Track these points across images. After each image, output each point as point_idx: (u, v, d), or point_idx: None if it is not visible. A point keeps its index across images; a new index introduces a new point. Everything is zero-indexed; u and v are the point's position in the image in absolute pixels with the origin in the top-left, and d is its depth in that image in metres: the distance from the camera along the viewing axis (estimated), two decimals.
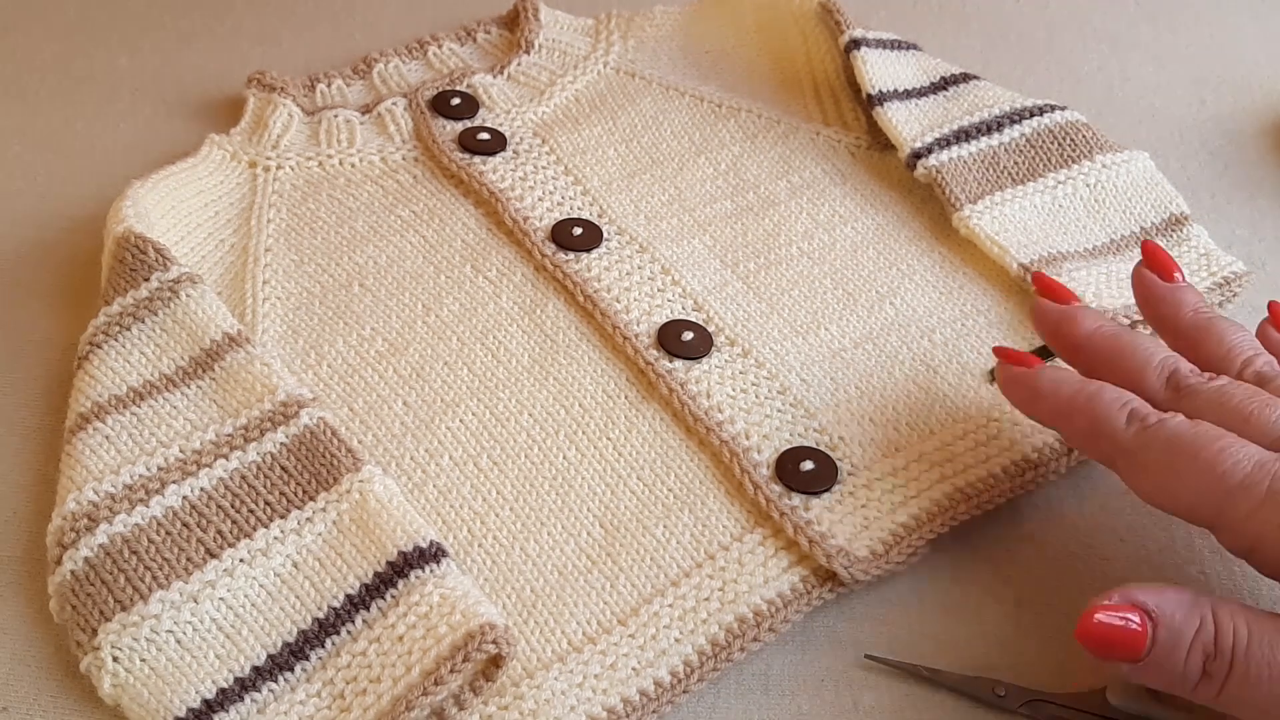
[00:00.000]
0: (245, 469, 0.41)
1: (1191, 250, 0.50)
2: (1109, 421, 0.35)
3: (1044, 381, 0.38)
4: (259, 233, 0.52)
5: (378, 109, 0.58)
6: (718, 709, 0.38)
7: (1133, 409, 0.35)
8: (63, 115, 0.60)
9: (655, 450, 0.44)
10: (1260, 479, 0.32)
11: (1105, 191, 0.52)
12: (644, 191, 0.54)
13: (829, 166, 0.56)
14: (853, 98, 0.58)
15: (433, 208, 0.53)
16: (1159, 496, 0.34)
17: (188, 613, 0.37)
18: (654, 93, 0.60)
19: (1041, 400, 0.38)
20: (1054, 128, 0.54)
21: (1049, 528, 0.43)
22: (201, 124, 0.60)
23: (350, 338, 0.48)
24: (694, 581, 0.39)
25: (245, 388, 0.43)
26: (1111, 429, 0.35)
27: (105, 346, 0.45)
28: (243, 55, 0.65)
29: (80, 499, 0.39)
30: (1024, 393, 0.39)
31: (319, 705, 0.36)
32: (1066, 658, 0.39)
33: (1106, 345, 0.38)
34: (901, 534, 0.40)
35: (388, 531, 0.39)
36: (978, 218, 0.51)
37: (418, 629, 0.36)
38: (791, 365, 0.46)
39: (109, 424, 0.42)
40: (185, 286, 0.46)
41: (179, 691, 0.36)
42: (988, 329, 0.48)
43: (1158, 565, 0.41)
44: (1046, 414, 0.38)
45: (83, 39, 0.65)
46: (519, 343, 0.47)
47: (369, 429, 0.44)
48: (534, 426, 0.45)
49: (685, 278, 0.50)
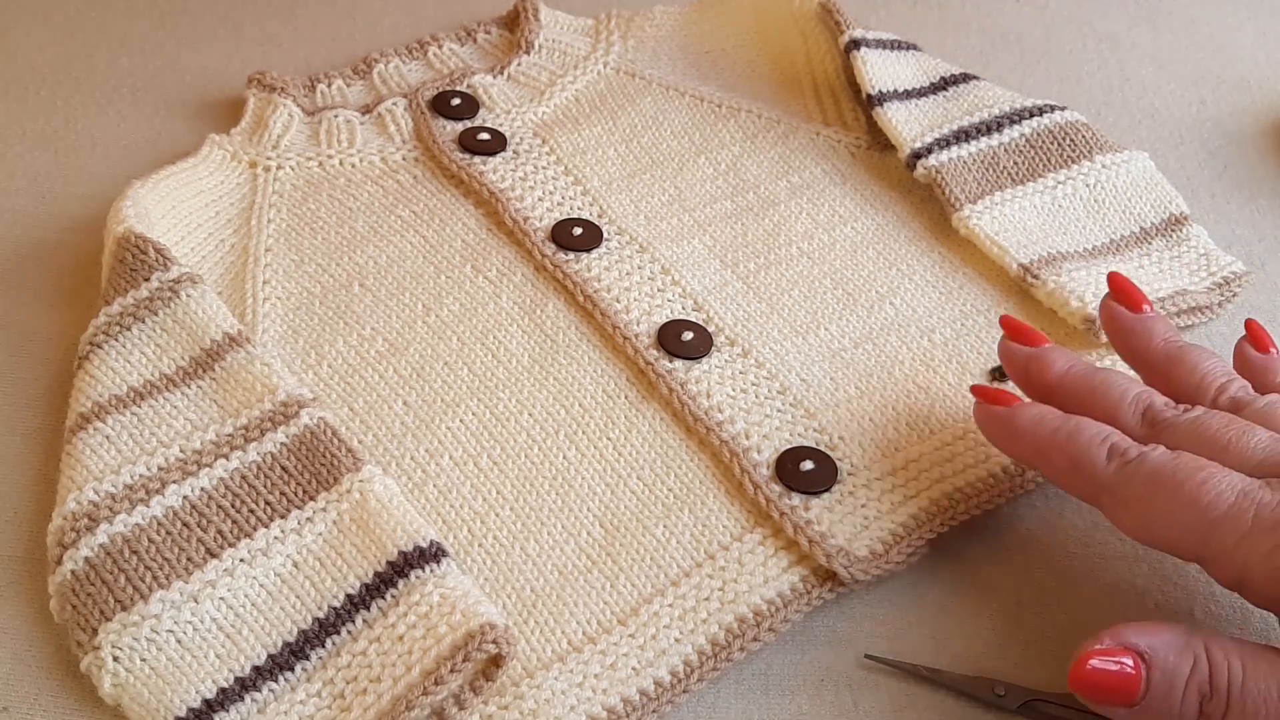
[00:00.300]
0: (245, 469, 0.41)
1: (1191, 250, 0.50)
2: (1089, 458, 0.35)
3: (1021, 420, 0.37)
4: (259, 233, 0.52)
5: (378, 109, 0.58)
6: (718, 709, 0.38)
7: (1113, 444, 0.35)
8: (63, 115, 0.60)
9: (655, 450, 0.44)
10: (1245, 508, 0.32)
11: (1105, 191, 0.52)
12: (644, 191, 0.54)
13: (829, 166, 0.56)
14: (853, 98, 0.58)
15: (433, 208, 0.53)
16: (1143, 532, 0.34)
17: (188, 612, 0.37)
18: (654, 93, 0.60)
19: (1019, 439, 0.37)
20: (1054, 128, 0.54)
21: (1049, 528, 0.43)
22: (201, 124, 0.60)
23: (350, 338, 0.48)
24: (694, 581, 0.39)
25: (245, 387, 0.43)
26: (1091, 466, 0.35)
27: (106, 346, 0.45)
28: (243, 55, 0.65)
29: (81, 499, 0.40)
30: (1002, 430, 0.38)
31: (319, 705, 0.36)
32: (1066, 658, 0.39)
33: (1079, 385, 0.38)
34: (901, 534, 0.40)
35: (388, 531, 0.39)
36: (977, 218, 0.51)
37: (418, 629, 0.36)
38: (791, 365, 0.46)
39: (109, 424, 0.42)
40: (185, 286, 0.46)
41: (179, 691, 0.36)
42: (988, 329, 0.48)
43: (1158, 565, 0.41)
44: (1025, 453, 0.37)
45: (83, 39, 0.65)
46: (519, 343, 0.47)
47: (369, 429, 0.44)
48: (534, 426, 0.45)
49: (685, 278, 0.50)
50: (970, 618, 0.40)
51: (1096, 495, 0.35)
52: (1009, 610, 0.40)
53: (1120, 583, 0.41)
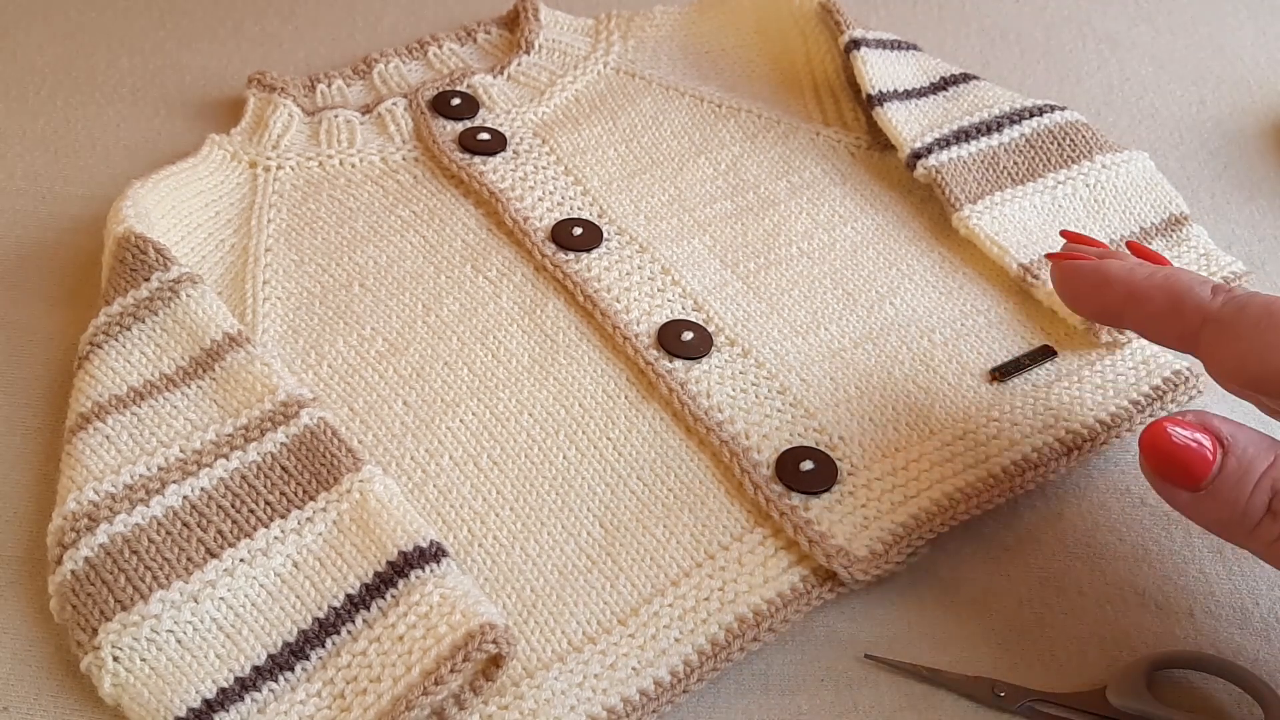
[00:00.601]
0: (245, 469, 0.41)
1: (1191, 250, 0.50)
2: (1192, 293, 0.34)
3: (1113, 267, 0.36)
4: (259, 233, 0.52)
5: (378, 109, 0.58)
6: (718, 709, 0.38)
7: (1214, 284, 0.34)
8: (63, 115, 0.60)
9: (655, 450, 0.44)
10: None
11: (1105, 191, 0.52)
12: (644, 191, 0.54)
13: (829, 166, 0.56)
14: (853, 98, 0.58)
15: (433, 208, 0.53)
16: (1253, 362, 0.32)
17: (188, 612, 0.37)
18: (654, 93, 0.60)
19: (1110, 286, 0.35)
20: (1054, 128, 0.54)
21: (1049, 528, 0.43)
22: (201, 124, 0.60)
23: (350, 338, 0.48)
24: (694, 581, 0.39)
25: (245, 387, 0.43)
26: (1197, 300, 0.33)
27: (106, 346, 0.45)
28: (243, 55, 0.65)
29: (81, 499, 0.39)
30: (1091, 279, 0.36)
31: (319, 705, 0.36)
32: (1066, 658, 0.39)
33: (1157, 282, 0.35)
34: (901, 534, 0.40)
35: (388, 531, 0.39)
36: (977, 218, 0.51)
37: (418, 629, 0.36)
38: (791, 365, 0.46)
39: (109, 424, 0.42)
40: (185, 286, 0.46)
41: (179, 691, 0.36)
42: (988, 329, 0.48)
43: (1158, 565, 0.41)
44: (1116, 299, 0.36)
45: (83, 39, 0.65)
46: (519, 343, 0.47)
47: (369, 429, 0.44)
48: (534, 426, 0.45)
49: (685, 278, 0.50)
50: (970, 618, 0.40)
51: (1197, 332, 0.33)
52: (1009, 610, 0.40)
53: (1120, 583, 0.41)
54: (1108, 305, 0.36)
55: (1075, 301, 0.38)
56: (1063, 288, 0.38)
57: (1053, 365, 0.46)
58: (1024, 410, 0.44)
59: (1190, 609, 0.40)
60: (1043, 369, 0.46)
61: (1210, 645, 0.39)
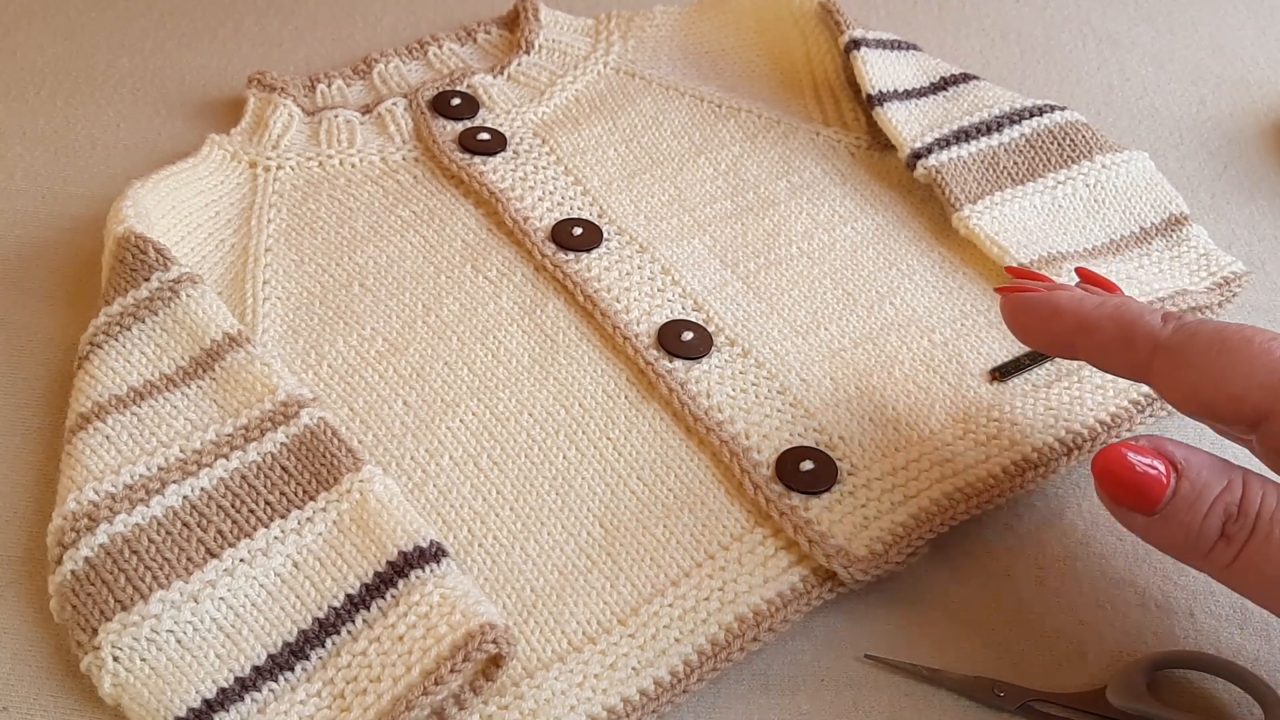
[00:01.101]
0: (245, 469, 0.41)
1: (1191, 250, 0.50)
2: (1142, 322, 0.34)
3: (1062, 297, 0.36)
4: (259, 233, 0.52)
5: (378, 109, 0.58)
6: (718, 709, 0.38)
7: (1164, 311, 0.34)
8: (63, 115, 0.60)
9: (655, 450, 0.44)
10: None
11: (1105, 191, 0.52)
12: (644, 191, 0.54)
13: (829, 166, 0.56)
14: (853, 98, 0.58)
15: (433, 208, 0.53)
16: (1206, 389, 0.32)
17: (188, 612, 0.37)
18: (654, 93, 0.60)
19: (1061, 316, 0.35)
20: (1054, 128, 0.54)
21: (1049, 528, 0.43)
22: (201, 124, 0.60)
23: (350, 338, 0.48)
24: (694, 581, 0.39)
25: (245, 387, 0.43)
26: (1147, 328, 0.33)
27: (106, 346, 0.45)
28: (243, 55, 0.65)
29: (81, 499, 0.40)
30: (1041, 311, 0.36)
31: (319, 705, 0.36)
32: (1066, 658, 0.39)
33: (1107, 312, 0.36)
34: (901, 534, 0.40)
35: (388, 531, 0.39)
36: (977, 218, 0.51)
37: (418, 629, 0.36)
38: (791, 365, 0.46)
39: (109, 424, 0.42)
40: (185, 286, 0.46)
41: (179, 691, 0.36)
42: (988, 329, 0.48)
43: (1158, 565, 0.41)
44: (1067, 329, 0.35)
45: (83, 39, 0.65)
46: (519, 343, 0.47)
47: (369, 429, 0.44)
48: (534, 426, 0.45)
49: (685, 278, 0.50)
50: (970, 618, 0.40)
51: (1149, 360, 0.33)
52: (1009, 610, 0.40)
53: (1120, 583, 0.41)
54: (1058, 337, 0.36)
55: (1025, 334, 0.37)
56: (1012, 320, 0.38)
57: (1053, 365, 0.46)
58: (1024, 410, 0.44)
59: (1190, 609, 0.40)
60: (1043, 369, 0.46)
61: (1210, 645, 0.39)
